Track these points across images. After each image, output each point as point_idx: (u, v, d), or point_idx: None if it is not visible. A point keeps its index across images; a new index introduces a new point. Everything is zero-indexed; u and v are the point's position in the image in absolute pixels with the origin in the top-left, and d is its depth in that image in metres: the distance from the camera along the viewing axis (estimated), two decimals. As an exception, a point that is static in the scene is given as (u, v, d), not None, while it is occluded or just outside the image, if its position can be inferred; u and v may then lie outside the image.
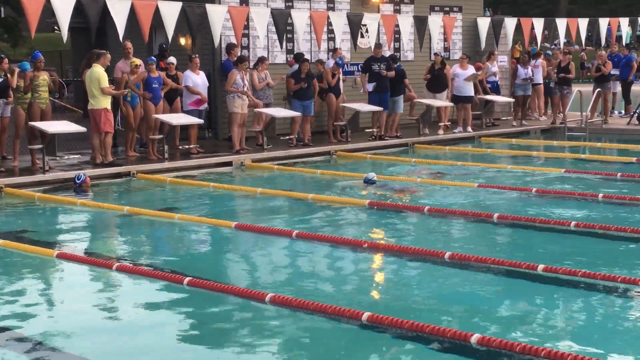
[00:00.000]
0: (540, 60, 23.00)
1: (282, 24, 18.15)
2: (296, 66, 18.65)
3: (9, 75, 14.74)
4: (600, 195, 12.32)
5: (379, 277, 8.80)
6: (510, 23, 23.00)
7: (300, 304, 7.26)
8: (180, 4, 16.17)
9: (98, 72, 15.09)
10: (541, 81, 22.94)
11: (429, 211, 11.45)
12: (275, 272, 8.89)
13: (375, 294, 8.04)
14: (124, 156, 16.28)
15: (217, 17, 16.86)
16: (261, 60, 18.14)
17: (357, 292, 8.02)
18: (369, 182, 14.00)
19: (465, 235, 10.64)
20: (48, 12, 16.71)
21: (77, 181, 13.83)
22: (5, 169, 14.69)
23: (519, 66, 22.59)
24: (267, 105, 17.91)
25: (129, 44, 16.72)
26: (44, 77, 15.21)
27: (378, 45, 19.52)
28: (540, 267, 8.20)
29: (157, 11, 15.76)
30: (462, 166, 16.00)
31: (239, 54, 17.88)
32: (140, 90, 15.95)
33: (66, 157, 16.17)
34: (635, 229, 9.98)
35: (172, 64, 17.01)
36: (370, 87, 19.06)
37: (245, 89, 16.99)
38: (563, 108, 22.32)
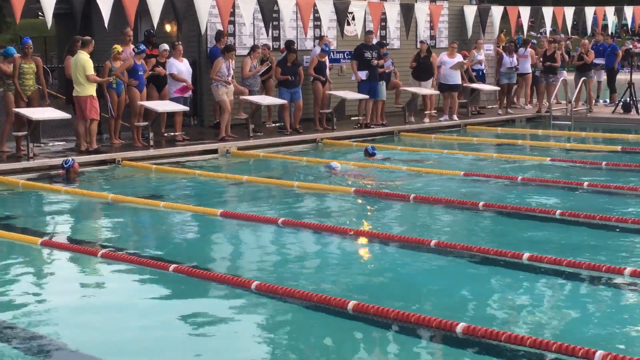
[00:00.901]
0: (529, 50, 23.03)
1: (268, 11, 18.10)
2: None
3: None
4: (586, 183, 12.36)
5: (365, 265, 8.79)
6: (496, 11, 23.00)
7: (286, 292, 7.26)
8: (167, -7, 16.11)
9: (83, 59, 15.01)
10: (529, 70, 22.97)
11: (414, 199, 11.45)
12: (261, 260, 8.88)
13: (361, 282, 8.03)
14: (109, 143, 16.21)
15: (203, 5, 16.78)
16: (254, 48, 18.08)
17: (343, 280, 8.01)
18: (330, 169, 14.07)
19: (450, 223, 10.66)
20: (33, -2, 16.65)
21: (65, 165, 13.76)
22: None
23: (504, 55, 22.62)
24: (253, 93, 17.87)
25: (129, 31, 16.65)
26: (30, 65, 15.10)
27: (369, 32, 19.48)
28: (525, 255, 8.22)
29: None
30: (442, 154, 16.01)
31: (227, 42, 17.84)
32: (126, 78, 15.88)
33: (51, 144, 16.09)
34: (620, 217, 10.02)
35: (166, 50, 16.95)
36: (363, 75, 19.02)
37: (230, 78, 16.93)
38: (548, 97, 22.39)
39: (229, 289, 7.56)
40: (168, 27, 20.01)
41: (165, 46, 17.04)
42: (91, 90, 15.06)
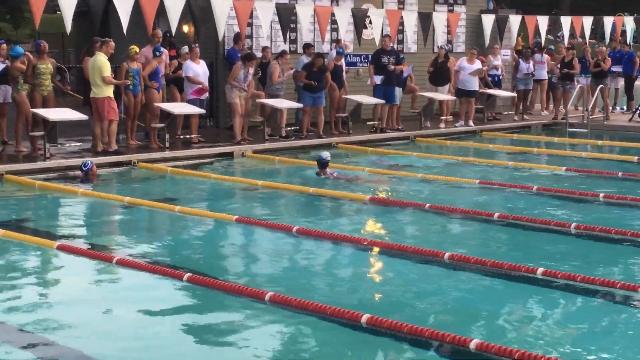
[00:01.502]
0: (545, 56, 22.96)
1: (286, 18, 18.14)
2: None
3: (7, 61, 14.73)
4: (601, 195, 12.32)
5: (379, 277, 8.80)
6: (514, 20, 22.91)
7: (299, 304, 7.26)
8: (184, -4, 16.16)
9: (100, 61, 15.04)
10: (545, 77, 22.91)
11: (430, 208, 11.45)
12: (275, 269, 8.90)
13: (374, 295, 8.04)
14: (125, 144, 16.25)
15: (222, 10, 16.82)
16: (282, 54, 18.04)
17: (357, 292, 8.02)
18: (322, 162, 14.09)
19: (465, 234, 10.63)
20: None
21: (84, 168, 13.79)
22: (6, 154, 14.68)
23: (520, 60, 22.56)
24: (276, 97, 17.88)
25: (159, 32, 16.69)
26: (46, 65, 15.17)
27: (386, 36, 19.45)
28: (540, 270, 8.19)
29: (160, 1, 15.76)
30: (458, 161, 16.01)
31: (244, 45, 17.85)
32: (147, 80, 15.94)
33: (67, 145, 16.15)
34: (637, 232, 9.96)
35: (187, 53, 17.01)
36: (378, 79, 19.01)
37: (247, 85, 16.93)
38: (565, 104, 22.32)
39: (242, 299, 7.58)
40: (185, 28, 20.06)
41: (186, 49, 17.10)
42: (108, 91, 15.09)
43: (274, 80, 17.78)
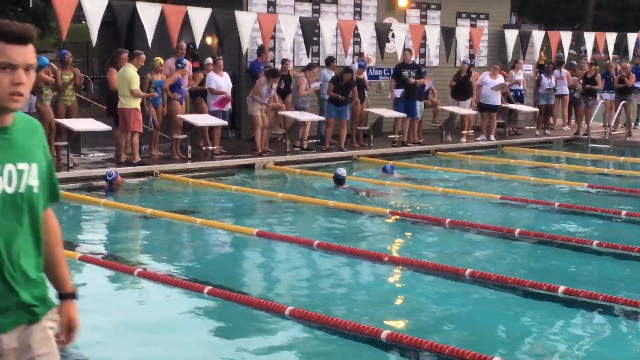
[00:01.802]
0: (564, 71, 22.93)
1: (309, 31, 18.23)
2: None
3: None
4: (624, 212, 12.26)
5: (399, 293, 8.80)
6: (538, 35, 22.87)
7: (319, 318, 7.27)
8: (209, 10, 16.26)
9: (130, 73, 15.07)
10: (566, 92, 22.86)
11: (450, 224, 11.44)
12: (295, 283, 8.92)
13: (394, 310, 8.05)
14: (148, 155, 16.33)
15: (246, 23, 16.94)
16: (310, 67, 18.10)
17: (377, 307, 8.02)
18: (338, 178, 14.17)
19: (486, 250, 10.61)
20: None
21: (109, 178, 13.84)
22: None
23: (542, 75, 22.54)
24: (302, 110, 17.94)
25: (183, 44, 16.80)
26: (70, 75, 15.30)
27: (407, 50, 19.48)
28: (561, 289, 8.16)
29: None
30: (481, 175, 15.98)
31: (267, 58, 17.93)
32: (169, 92, 16.04)
33: (90, 155, 16.25)
34: (658, 251, 9.92)
35: (210, 64, 17.12)
36: (398, 93, 19.05)
37: (268, 100, 16.99)
38: (587, 119, 22.26)
39: (263, 312, 7.60)
40: (209, 40, 20.15)
41: (210, 60, 17.20)
42: (136, 103, 15.17)
43: (301, 93, 17.84)
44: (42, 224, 3.39)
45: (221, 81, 17.06)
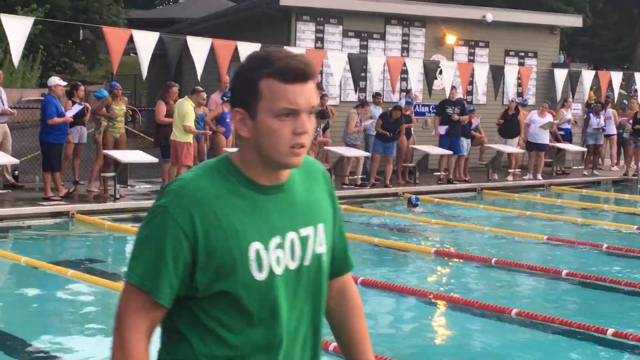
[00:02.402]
0: (610, 110, 22.75)
1: (358, 68, 18.28)
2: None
3: (85, 103, 15.09)
4: (674, 257, 12.07)
5: (445, 331, 8.72)
6: (587, 75, 22.71)
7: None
8: (259, 45, 16.36)
9: (187, 109, 15.13)
10: (614, 132, 22.68)
11: (496, 262, 11.34)
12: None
13: (439, 349, 7.96)
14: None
15: (295, 56, 17.01)
16: (363, 104, 18.10)
17: (422, 346, 7.95)
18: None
19: (532, 290, 10.49)
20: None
21: None
22: (77, 194, 14.95)
23: (591, 115, 22.38)
24: (353, 147, 17.96)
25: (226, 78, 16.95)
26: (120, 107, 15.49)
27: (452, 88, 19.47)
28: (610, 331, 8.03)
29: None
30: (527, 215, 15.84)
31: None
32: (212, 125, 16.14)
33: (137, 186, 16.37)
34: None
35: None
36: (442, 129, 19.02)
37: (315, 137, 17.07)
38: (636, 160, 22.01)
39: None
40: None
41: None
42: (189, 137, 15.25)
43: (350, 129, 17.86)
44: (325, 299, 2.75)
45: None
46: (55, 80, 14.37)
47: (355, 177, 18.06)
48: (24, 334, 7.78)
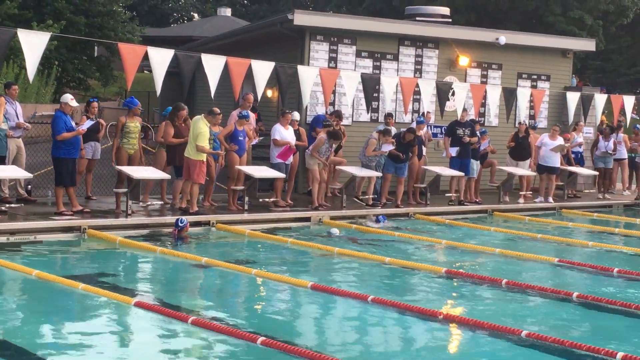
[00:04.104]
0: (622, 135, 22.75)
1: (370, 87, 18.31)
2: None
3: (100, 120, 15.19)
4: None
5: (453, 351, 8.70)
6: (600, 99, 22.68)
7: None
8: (272, 64, 16.47)
9: (201, 128, 15.23)
10: (625, 156, 22.68)
11: (506, 284, 11.33)
12: (349, 338, 8.86)
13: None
14: (202, 205, 16.43)
15: (308, 78, 17.11)
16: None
17: (431, 366, 7.95)
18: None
19: (542, 312, 10.46)
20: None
21: (181, 225, 14.09)
22: (89, 209, 14.99)
23: (600, 138, 22.40)
24: (370, 168, 17.98)
25: (251, 97, 17.01)
26: (135, 124, 15.58)
27: (463, 110, 19.51)
28: (619, 355, 8.01)
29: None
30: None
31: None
32: (224, 142, 16.18)
33: (149, 203, 16.40)
34: None
35: (296, 120, 17.61)
36: (453, 151, 19.05)
37: (327, 158, 17.12)
38: (648, 184, 21.99)
39: (316, 366, 7.56)
40: (269, 93, 20.36)
41: (297, 115, 17.71)
42: (202, 155, 15.33)
43: (368, 153, 17.90)
44: None
45: (286, 134, 17.13)
46: (67, 98, 14.44)
47: (367, 197, 18.07)
48: (35, 347, 7.81)
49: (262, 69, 16.38)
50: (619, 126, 23.40)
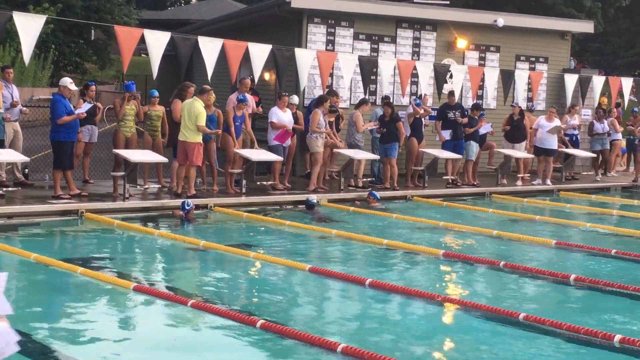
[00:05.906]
0: (611, 119, 22.87)
1: (368, 70, 18.28)
2: (379, 110, 18.72)
3: (97, 103, 15.15)
4: (682, 262, 12.04)
5: (452, 334, 8.70)
6: (598, 81, 22.68)
7: (371, 357, 7.22)
8: (270, 47, 16.42)
9: (198, 109, 15.21)
10: (619, 138, 22.76)
11: (504, 266, 11.34)
12: (347, 321, 8.86)
13: (447, 352, 7.96)
14: (200, 188, 16.42)
15: (305, 61, 17.06)
16: (364, 102, 18.17)
17: (431, 348, 7.94)
18: (309, 204, 15.70)
19: (540, 295, 10.48)
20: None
21: (187, 207, 14.08)
22: (87, 193, 14.98)
23: (594, 121, 22.44)
24: (356, 147, 18.00)
25: (248, 82, 16.96)
26: (131, 107, 15.55)
27: (451, 93, 19.51)
28: (617, 337, 8.02)
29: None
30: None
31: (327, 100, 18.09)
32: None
33: (146, 186, 16.40)
34: None
35: (294, 104, 17.57)
36: (446, 134, 19.05)
37: (326, 129, 17.11)
38: (646, 166, 22.00)
39: (314, 349, 7.56)
40: (267, 76, 20.31)
41: (295, 99, 17.54)
42: (199, 137, 15.30)
43: (359, 129, 17.88)
44: None
45: (284, 116, 17.11)
46: (66, 81, 14.39)
47: (358, 179, 18.07)
48: (33, 330, 7.81)
49: (259, 52, 16.35)
50: (609, 110, 23.45)
